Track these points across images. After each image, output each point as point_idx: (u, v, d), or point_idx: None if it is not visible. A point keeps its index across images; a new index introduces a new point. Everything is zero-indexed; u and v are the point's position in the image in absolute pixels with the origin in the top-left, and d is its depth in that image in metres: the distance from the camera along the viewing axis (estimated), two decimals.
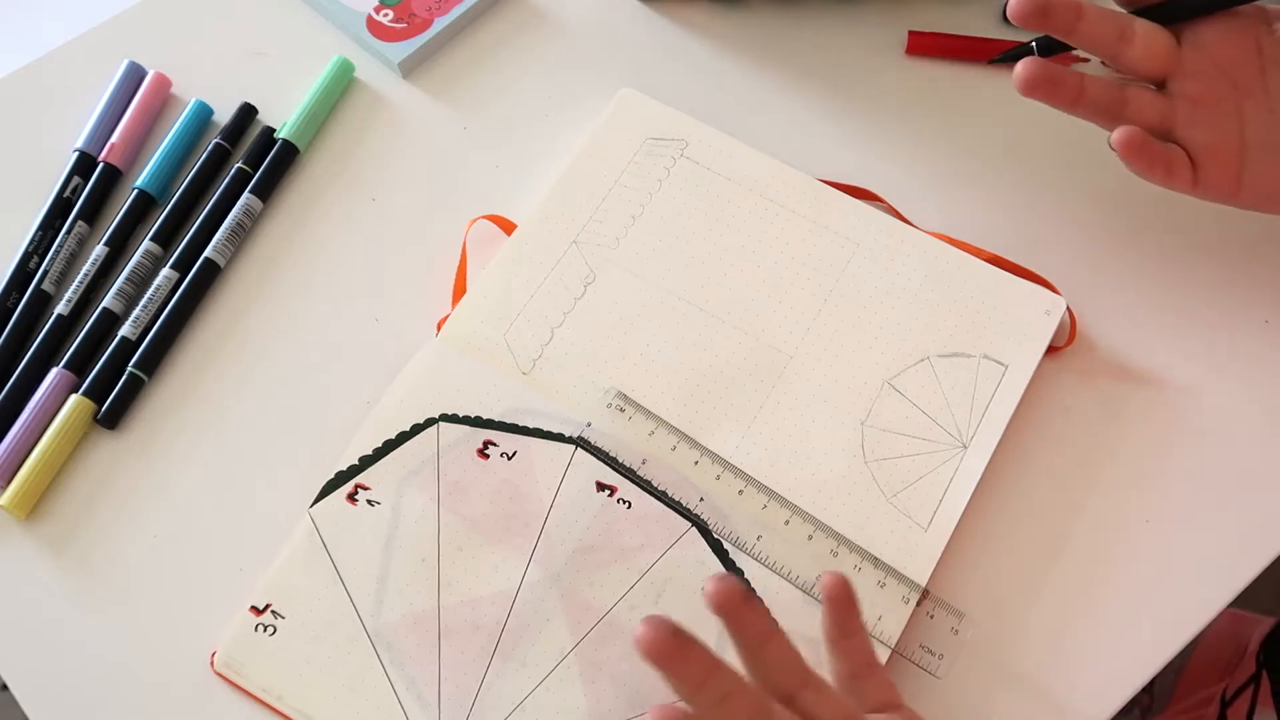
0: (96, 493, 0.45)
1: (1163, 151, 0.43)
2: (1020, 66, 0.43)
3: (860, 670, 0.37)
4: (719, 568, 0.42)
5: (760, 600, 0.35)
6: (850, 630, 0.37)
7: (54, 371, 0.46)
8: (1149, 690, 0.41)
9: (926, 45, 0.55)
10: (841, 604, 0.36)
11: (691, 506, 0.43)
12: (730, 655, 0.34)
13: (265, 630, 0.41)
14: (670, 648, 0.31)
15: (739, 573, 0.42)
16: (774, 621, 0.34)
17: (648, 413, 0.45)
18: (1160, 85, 0.44)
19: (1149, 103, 0.44)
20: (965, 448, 0.45)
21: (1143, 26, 0.43)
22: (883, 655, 0.41)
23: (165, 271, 0.49)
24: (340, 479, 0.44)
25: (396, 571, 0.42)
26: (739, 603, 0.33)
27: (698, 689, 0.31)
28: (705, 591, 0.33)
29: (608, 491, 0.44)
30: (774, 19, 0.57)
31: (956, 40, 0.55)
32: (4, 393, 0.46)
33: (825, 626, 0.37)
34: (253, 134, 0.52)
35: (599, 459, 0.44)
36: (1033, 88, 0.43)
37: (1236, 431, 0.46)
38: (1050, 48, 0.46)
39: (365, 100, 0.54)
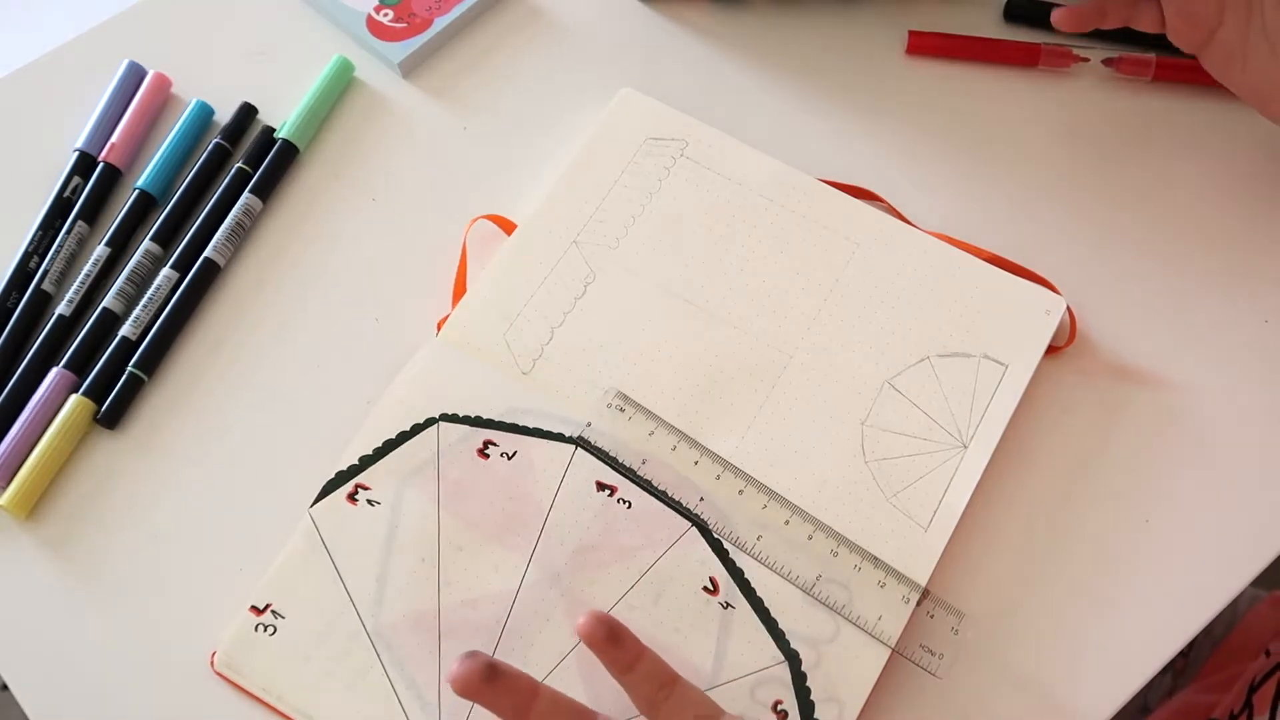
0: (96, 493, 0.45)
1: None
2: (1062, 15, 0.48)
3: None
4: (719, 567, 0.42)
5: (627, 633, 0.35)
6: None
7: (54, 371, 0.46)
8: (1185, 654, 0.41)
9: (926, 45, 0.55)
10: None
11: (692, 506, 0.43)
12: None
13: (265, 630, 0.41)
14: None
15: (739, 572, 0.42)
16: (641, 648, 0.35)
17: (648, 412, 0.45)
18: None
19: None
20: (965, 447, 0.45)
21: None
22: (883, 655, 0.41)
23: (165, 271, 0.49)
24: (340, 479, 0.44)
25: (396, 571, 0.42)
26: (602, 641, 0.34)
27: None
28: (578, 626, 0.34)
29: (608, 491, 0.44)
30: (774, 19, 0.57)
31: (956, 40, 0.55)
32: (4, 393, 0.46)
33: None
34: (253, 134, 0.52)
35: (599, 459, 0.44)
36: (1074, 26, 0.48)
37: (1236, 431, 0.46)
38: None
39: (365, 100, 0.54)
